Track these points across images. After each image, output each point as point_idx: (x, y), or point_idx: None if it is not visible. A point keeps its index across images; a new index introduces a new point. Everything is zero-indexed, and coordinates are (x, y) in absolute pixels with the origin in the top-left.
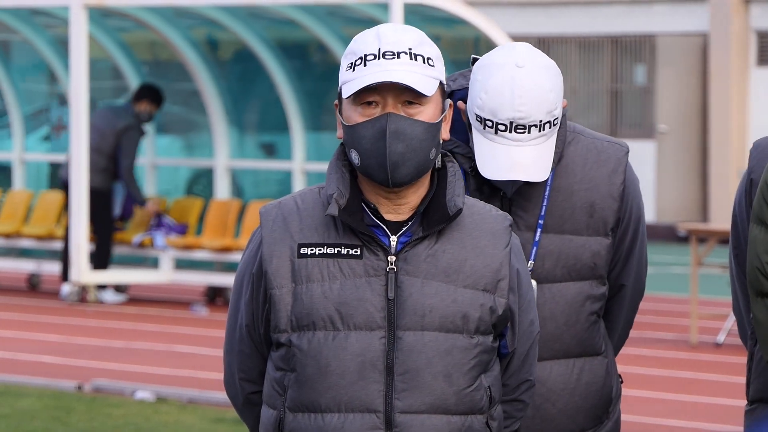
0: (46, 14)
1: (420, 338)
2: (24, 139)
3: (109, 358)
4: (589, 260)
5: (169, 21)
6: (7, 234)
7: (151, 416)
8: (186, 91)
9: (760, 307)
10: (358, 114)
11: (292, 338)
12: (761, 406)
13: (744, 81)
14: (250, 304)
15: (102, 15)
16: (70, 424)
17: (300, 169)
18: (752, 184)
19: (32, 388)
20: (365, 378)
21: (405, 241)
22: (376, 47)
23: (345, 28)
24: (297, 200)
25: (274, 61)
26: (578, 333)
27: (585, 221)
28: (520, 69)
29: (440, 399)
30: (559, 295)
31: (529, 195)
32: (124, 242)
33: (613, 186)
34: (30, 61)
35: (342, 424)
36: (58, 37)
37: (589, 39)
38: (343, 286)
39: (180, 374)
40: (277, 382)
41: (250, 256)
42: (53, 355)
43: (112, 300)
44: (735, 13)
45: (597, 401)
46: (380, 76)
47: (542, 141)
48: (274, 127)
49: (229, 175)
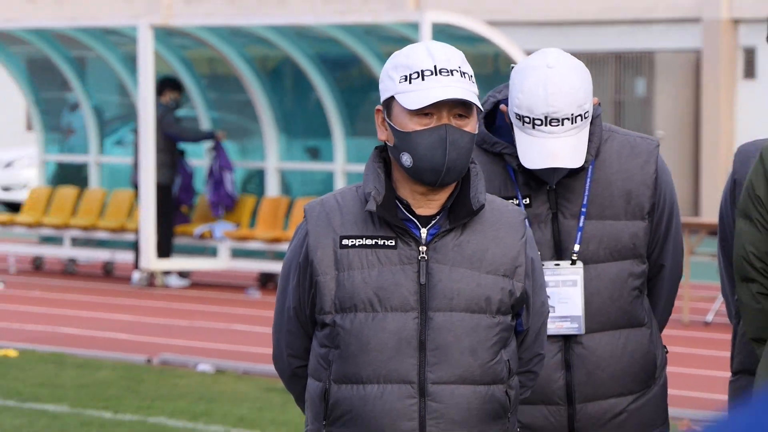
0: (117, 33)
1: (449, 318)
2: (99, 143)
3: (174, 335)
4: (628, 242)
5: (226, 39)
6: (85, 227)
7: (210, 386)
8: (241, 102)
9: (744, 290)
10: (415, 123)
11: (336, 319)
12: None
13: (732, 92)
14: (297, 289)
15: (166, 34)
16: (141, 393)
17: (341, 170)
18: (735, 185)
19: (108, 361)
20: (401, 353)
21: (434, 233)
22: (431, 63)
23: (380, 46)
24: (337, 198)
25: (318, 74)
26: (622, 306)
27: (623, 207)
28: (551, 69)
29: (467, 371)
30: (603, 273)
31: (572, 187)
32: (186, 234)
33: (646, 175)
34: (103, 75)
35: (381, 393)
36: (128, 54)
37: (595, 55)
38: (381, 273)
39: (236, 349)
40: (323, 358)
41: (297, 247)
42: (126, 333)
43: (176, 284)
44: (724, 32)
45: (642, 367)
46: (445, 92)
47: (575, 132)
48: (317, 132)
49: (279, 175)
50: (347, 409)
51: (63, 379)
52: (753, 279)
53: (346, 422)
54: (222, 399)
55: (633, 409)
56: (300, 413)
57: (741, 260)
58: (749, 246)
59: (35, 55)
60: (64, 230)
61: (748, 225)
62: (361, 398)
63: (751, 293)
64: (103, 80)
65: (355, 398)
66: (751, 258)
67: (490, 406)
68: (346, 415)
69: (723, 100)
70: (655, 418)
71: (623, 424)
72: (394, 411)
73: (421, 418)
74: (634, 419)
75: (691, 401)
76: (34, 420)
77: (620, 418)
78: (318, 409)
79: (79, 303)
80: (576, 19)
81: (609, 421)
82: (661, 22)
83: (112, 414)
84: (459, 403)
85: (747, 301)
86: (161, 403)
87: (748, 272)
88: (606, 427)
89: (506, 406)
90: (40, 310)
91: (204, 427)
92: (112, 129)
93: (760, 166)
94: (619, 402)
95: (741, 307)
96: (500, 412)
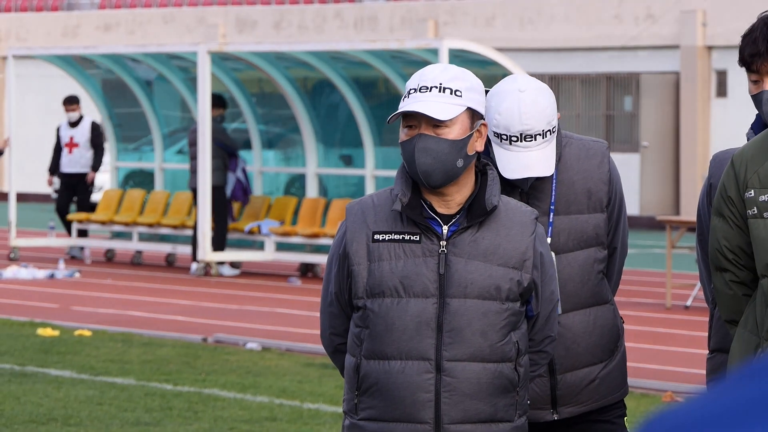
0: (180, 58)
1: (463, 304)
2: (163, 152)
3: (226, 317)
4: (592, 232)
5: (272, 63)
6: (150, 224)
7: (258, 361)
8: (285, 116)
9: (718, 278)
10: (404, 134)
11: (367, 303)
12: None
13: (707, 109)
14: (338, 277)
15: (221, 59)
16: (197, 367)
17: (370, 175)
18: (711, 188)
19: (168, 340)
20: (421, 334)
21: (453, 230)
22: (417, 83)
23: (404, 68)
24: (373, 198)
25: (351, 92)
26: (591, 288)
27: (585, 203)
28: (523, 93)
29: (478, 350)
30: (573, 261)
31: (541, 188)
32: (238, 230)
33: (602, 173)
34: (167, 94)
35: (403, 368)
36: (188, 75)
37: (589, 76)
38: (406, 264)
39: (280, 330)
40: (356, 337)
41: (338, 241)
42: (184, 316)
43: (228, 273)
44: (700, 57)
45: (610, 338)
46: (412, 106)
47: (546, 145)
48: (350, 142)
49: (317, 179)
50: (374, 382)
51: (130, 355)
52: (726, 269)
53: (374, 393)
54: (267, 373)
55: (603, 375)
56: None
57: (715, 252)
58: (722, 240)
59: (109, 77)
60: (133, 227)
61: (721, 222)
62: (385, 372)
63: (724, 281)
64: (167, 98)
65: (380, 372)
66: (724, 250)
67: (498, 381)
68: (373, 387)
69: (699, 116)
70: (620, 381)
71: (597, 388)
72: (414, 384)
73: (437, 391)
74: (604, 384)
75: (674, 375)
76: (105, 391)
77: (593, 384)
78: (352, 381)
79: (144, 290)
80: (572, 45)
81: (585, 388)
82: (645, 48)
83: (172, 386)
84: (470, 378)
85: (721, 287)
86: (214, 376)
87: (721, 263)
88: (582, 393)
89: (515, 382)
90: (111, 296)
91: (251, 398)
92: (174, 140)
93: (731, 170)
94: (592, 370)
95: (716, 293)
96: (509, 387)
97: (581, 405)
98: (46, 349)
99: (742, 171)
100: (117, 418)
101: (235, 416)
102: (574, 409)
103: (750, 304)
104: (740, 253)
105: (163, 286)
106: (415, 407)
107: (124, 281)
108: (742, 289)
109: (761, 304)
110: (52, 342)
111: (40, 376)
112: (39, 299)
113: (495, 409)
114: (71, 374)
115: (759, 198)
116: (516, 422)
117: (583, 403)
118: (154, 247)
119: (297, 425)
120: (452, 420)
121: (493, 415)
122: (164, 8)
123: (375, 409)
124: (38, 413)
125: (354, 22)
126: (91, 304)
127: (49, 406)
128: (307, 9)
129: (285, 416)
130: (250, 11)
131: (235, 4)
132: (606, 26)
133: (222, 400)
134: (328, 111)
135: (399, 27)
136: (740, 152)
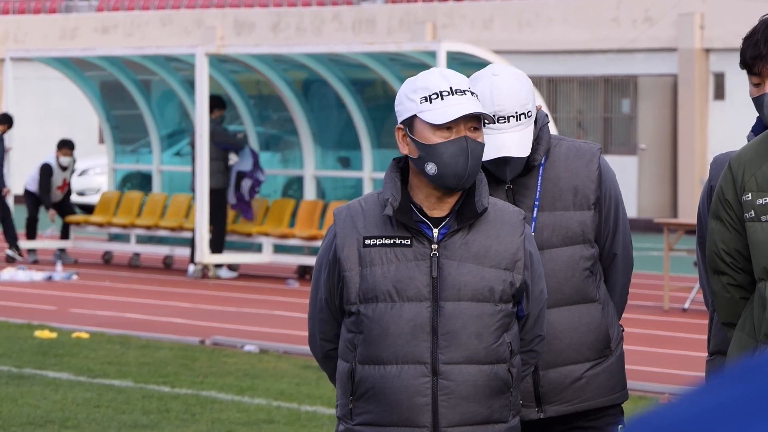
0: (178, 60)
1: (457, 307)
2: (161, 154)
3: (224, 319)
4: (577, 229)
5: (270, 65)
6: (148, 226)
7: (255, 364)
8: (282, 118)
9: (716, 281)
10: (438, 136)
11: (360, 308)
12: (719, 357)
13: (704, 111)
14: (328, 283)
15: (219, 61)
16: (195, 370)
17: (368, 177)
18: (712, 190)
19: (166, 342)
20: (416, 338)
21: (444, 233)
22: (447, 85)
23: (402, 71)
24: (361, 203)
25: (349, 95)
26: (575, 285)
27: (571, 200)
28: (496, 76)
29: (473, 353)
30: (557, 257)
31: (526, 185)
32: (236, 232)
33: (590, 171)
34: (165, 96)
35: (399, 373)
36: (186, 78)
37: (587, 79)
38: (398, 268)
39: (277, 332)
40: (349, 342)
41: (327, 246)
42: (182, 318)
43: (226, 276)
44: (697, 59)
45: (596, 337)
46: (465, 108)
47: (521, 129)
48: (348, 144)
49: (315, 182)
50: (370, 386)
51: (128, 357)
52: (723, 272)
53: (370, 398)
54: (265, 375)
55: (591, 375)
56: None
57: (713, 255)
58: (720, 243)
59: (107, 79)
60: (130, 229)
61: (719, 225)
62: (381, 377)
63: (722, 284)
64: (165, 100)
65: (376, 377)
66: (722, 254)
67: (494, 383)
68: (369, 392)
69: (697, 118)
70: (613, 384)
71: (583, 388)
72: (411, 388)
73: (434, 394)
74: (593, 384)
75: (671, 378)
76: (102, 393)
77: (580, 383)
78: (346, 387)
79: (142, 292)
80: (570, 48)
81: (570, 386)
82: (643, 51)
83: (170, 388)
84: (467, 380)
85: (718, 290)
86: (212, 379)
87: (719, 266)
88: (567, 391)
89: (509, 383)
90: (108, 298)
91: (249, 400)
92: (172, 142)
93: (728, 173)
94: (577, 368)
95: (713, 296)
96: (503, 388)
97: (567, 404)
98: (44, 351)
99: (739, 174)
100: (114, 420)
101: (233, 418)
102: (560, 408)
103: (747, 307)
104: (738, 257)
105: (160, 289)
106: (412, 411)
107: (122, 283)
108: (740, 292)
109: (758, 307)
110: (50, 344)
111: (38, 379)
112: (37, 301)
113: (491, 410)
114: (69, 376)
115: (756, 201)
116: (510, 423)
117: (569, 402)
118: (152, 250)
119: (295, 427)
120: (450, 423)
121: (489, 416)
122: (162, 11)
123: (371, 414)
124: (36, 415)
125: (352, 24)
126: (89, 306)
127: (46, 409)
128: (305, 11)
129: (283, 418)
130: (248, 14)
131: (233, 7)
132: (604, 29)
133: (219, 403)
134: (326, 113)
135: (397, 29)
136: (738, 155)
